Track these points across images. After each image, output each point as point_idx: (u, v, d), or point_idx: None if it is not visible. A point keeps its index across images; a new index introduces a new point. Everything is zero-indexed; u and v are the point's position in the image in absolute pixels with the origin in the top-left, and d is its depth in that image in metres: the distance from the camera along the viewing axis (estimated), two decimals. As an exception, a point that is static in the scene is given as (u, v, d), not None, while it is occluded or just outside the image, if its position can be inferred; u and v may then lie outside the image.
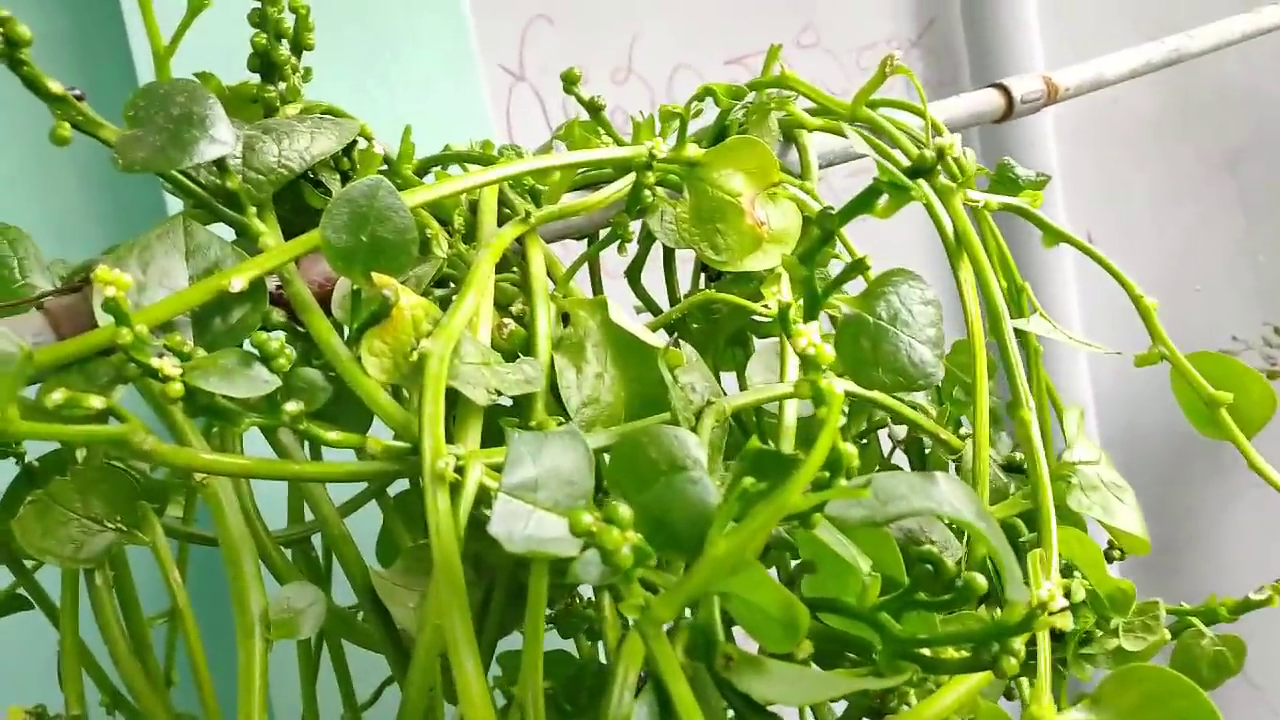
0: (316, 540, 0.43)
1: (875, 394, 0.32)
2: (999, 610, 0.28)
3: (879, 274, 0.32)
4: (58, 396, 0.23)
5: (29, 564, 0.42)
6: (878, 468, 0.48)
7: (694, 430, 0.30)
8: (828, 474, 0.22)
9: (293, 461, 0.28)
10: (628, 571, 0.21)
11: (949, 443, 0.36)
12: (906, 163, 0.39)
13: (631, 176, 0.37)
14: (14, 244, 0.35)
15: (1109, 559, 0.39)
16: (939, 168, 0.40)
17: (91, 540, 0.36)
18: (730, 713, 0.26)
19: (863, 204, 0.29)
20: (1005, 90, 0.60)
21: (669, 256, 0.50)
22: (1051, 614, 0.22)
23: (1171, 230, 1.17)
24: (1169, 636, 0.33)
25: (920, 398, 0.46)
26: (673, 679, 0.22)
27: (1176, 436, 1.15)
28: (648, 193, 0.34)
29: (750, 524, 0.21)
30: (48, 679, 0.41)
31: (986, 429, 0.34)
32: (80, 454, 0.36)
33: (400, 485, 0.46)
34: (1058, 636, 0.31)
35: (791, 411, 0.34)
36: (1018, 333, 0.51)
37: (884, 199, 0.28)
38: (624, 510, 0.21)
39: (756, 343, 0.48)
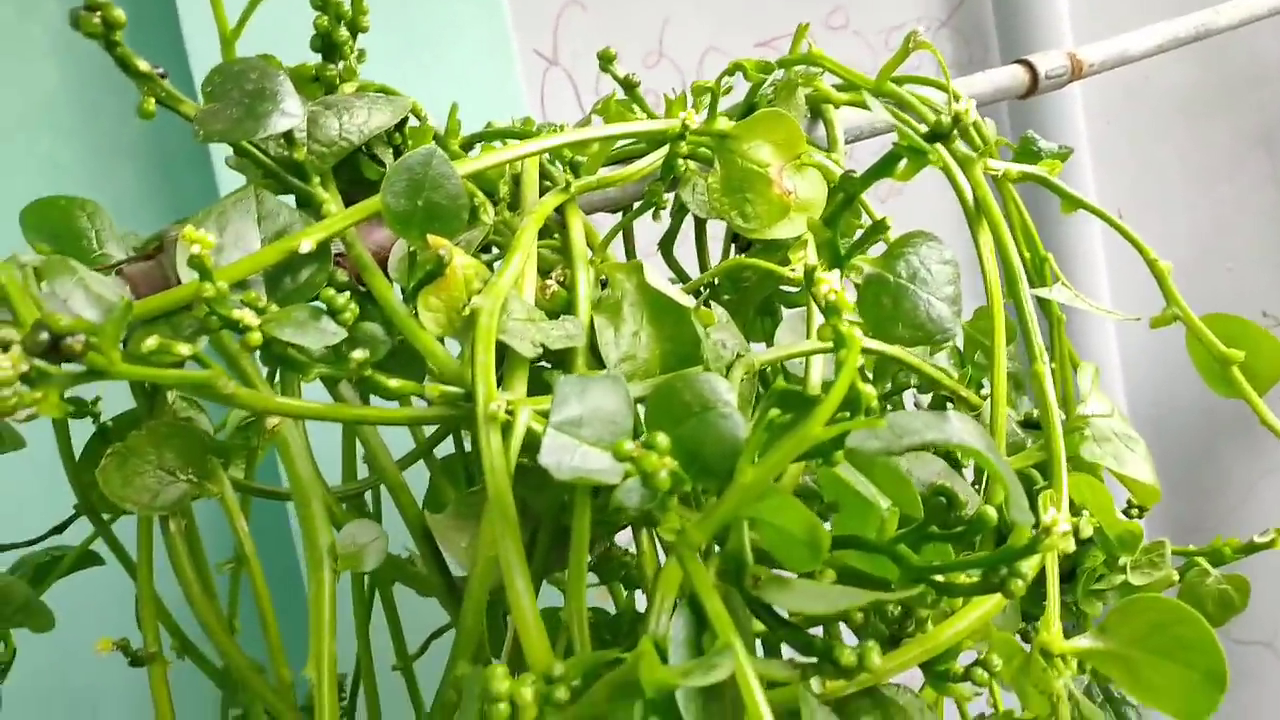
0: (367, 498, 0.46)
1: (896, 350, 0.34)
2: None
3: (899, 236, 0.34)
4: (151, 342, 0.26)
5: (106, 517, 0.45)
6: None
7: (725, 381, 0.32)
8: (848, 413, 0.24)
9: (356, 406, 0.31)
10: (664, 495, 0.24)
11: (969, 400, 0.38)
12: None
13: (664, 150, 0.39)
14: (91, 217, 0.38)
15: (1128, 516, 0.41)
16: (960, 138, 0.42)
17: (166, 490, 0.39)
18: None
19: (883, 168, 0.31)
20: (1030, 66, 0.61)
21: (700, 231, 0.52)
22: (1054, 537, 0.24)
23: (1204, 208, 1.17)
24: (1175, 574, 0.34)
25: (944, 361, 0.48)
26: (707, 596, 0.24)
27: (1208, 414, 1.16)
28: (680, 163, 0.36)
29: (776, 453, 0.23)
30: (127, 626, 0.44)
31: (1004, 385, 0.36)
32: (169, 399, 0.39)
33: (444, 450, 0.48)
34: (1068, 577, 0.32)
35: (818, 369, 0.36)
36: (1041, 301, 0.53)
37: (903, 163, 0.30)
38: (662, 438, 0.23)
39: (785, 313, 0.50)
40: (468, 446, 0.48)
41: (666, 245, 0.51)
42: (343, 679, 0.48)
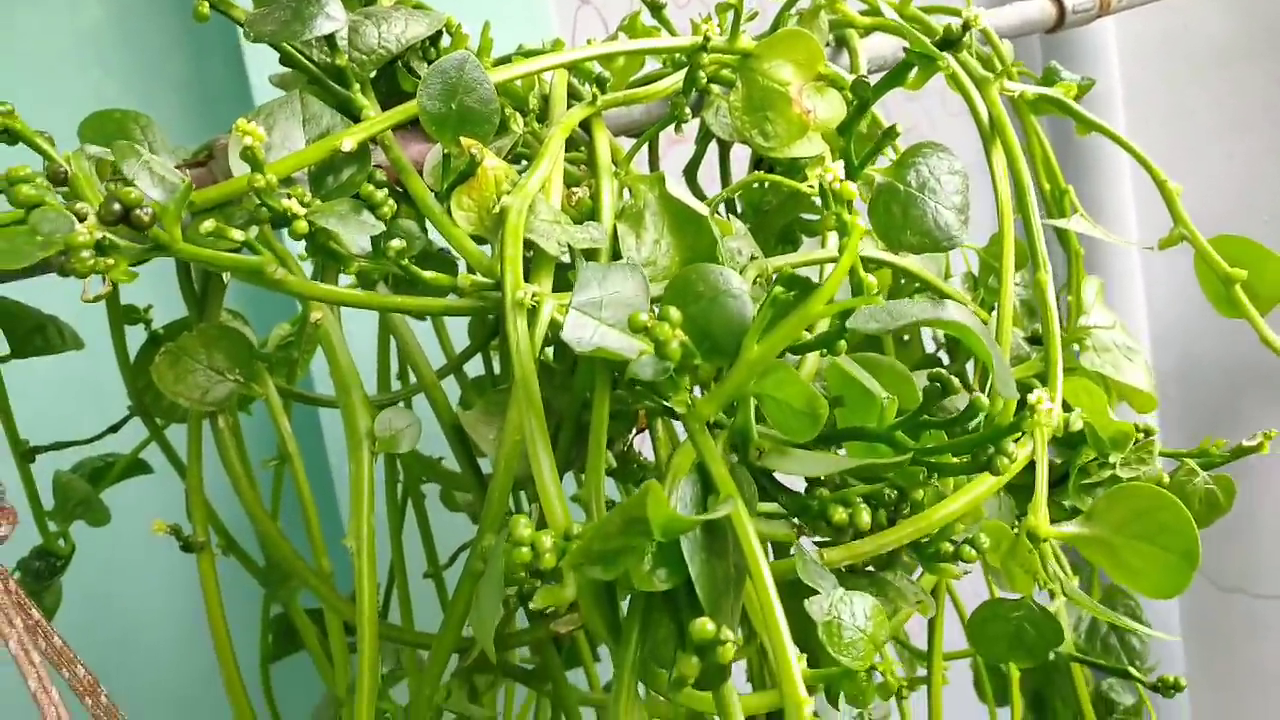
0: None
1: (904, 261, 0.35)
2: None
3: (910, 146, 0.35)
4: (208, 224, 0.28)
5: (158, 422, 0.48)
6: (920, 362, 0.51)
7: (739, 282, 0.34)
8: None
9: (394, 295, 0.33)
10: (675, 367, 0.26)
11: (977, 314, 0.39)
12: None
13: (686, 70, 0.40)
14: (144, 129, 0.40)
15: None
16: (978, 62, 0.43)
17: (215, 388, 0.42)
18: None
19: (896, 76, 0.32)
20: (1058, 0, 0.61)
21: (724, 159, 0.53)
22: (1039, 415, 0.25)
23: (1240, 157, 1.16)
24: (1163, 471, 0.36)
25: (958, 284, 0.49)
26: (713, 462, 0.26)
27: (1233, 370, 1.16)
28: (701, 77, 0.38)
29: (781, 330, 0.25)
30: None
31: (1010, 296, 0.37)
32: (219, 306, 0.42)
33: (474, 369, 0.51)
34: (1062, 480, 0.34)
35: (830, 280, 0.38)
36: (1060, 233, 0.54)
37: (914, 72, 0.31)
38: (674, 311, 0.25)
39: (805, 241, 0.51)
40: (496, 368, 0.50)
41: (690, 172, 0.52)
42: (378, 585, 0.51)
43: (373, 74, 0.37)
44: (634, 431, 0.40)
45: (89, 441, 0.49)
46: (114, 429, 0.48)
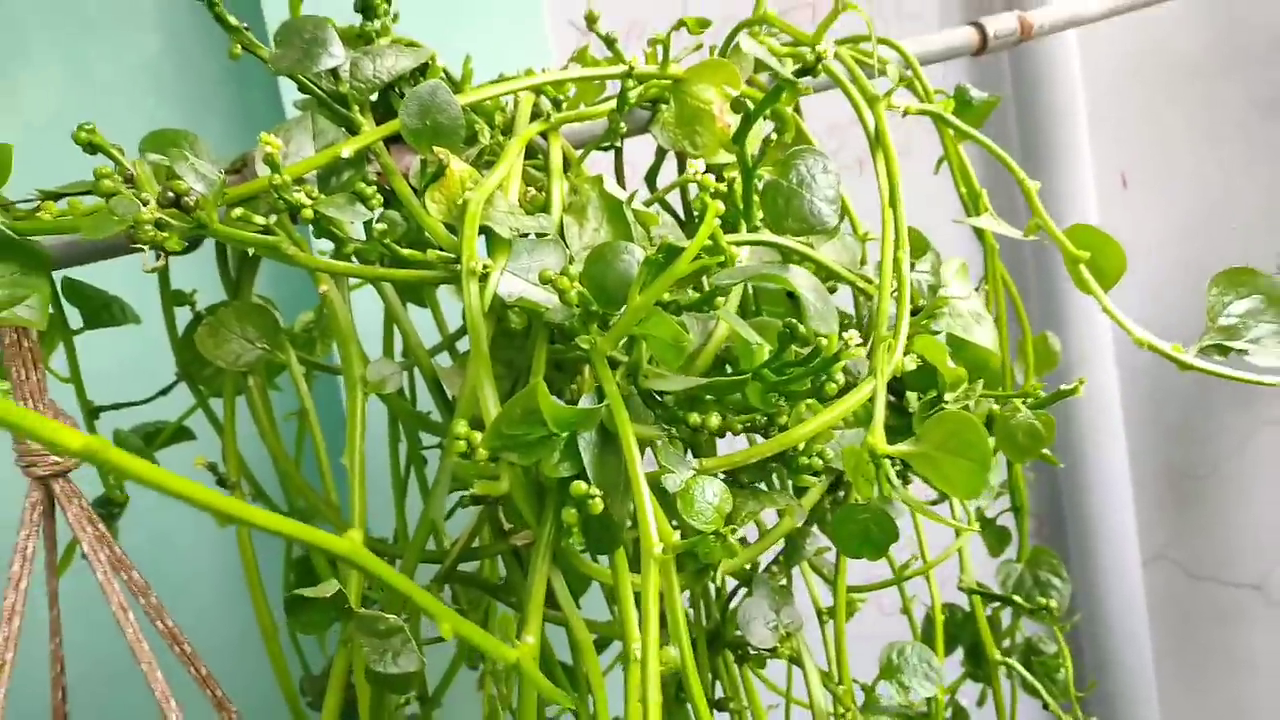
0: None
1: (791, 243, 0.44)
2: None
3: (791, 150, 0.44)
4: (238, 211, 0.37)
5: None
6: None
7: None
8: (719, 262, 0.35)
9: (380, 267, 0.42)
10: (577, 309, 0.35)
11: (865, 289, 0.48)
12: (872, 83, 0.51)
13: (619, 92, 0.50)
14: (192, 145, 0.50)
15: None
16: (898, 83, 0.51)
17: (247, 353, 0.51)
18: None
19: (772, 96, 0.41)
20: (980, 27, 0.70)
21: (681, 166, 0.62)
22: (852, 349, 0.34)
23: (1211, 172, 1.22)
24: (993, 406, 0.44)
25: (872, 271, 0.58)
26: (607, 382, 0.35)
27: (1203, 375, 1.21)
28: (630, 96, 0.47)
29: (657, 282, 0.34)
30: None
31: (889, 274, 0.46)
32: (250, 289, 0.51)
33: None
34: (902, 412, 0.42)
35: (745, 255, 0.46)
36: (979, 232, 0.62)
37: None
38: (572, 269, 0.34)
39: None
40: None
41: (650, 177, 0.62)
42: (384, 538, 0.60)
43: (373, 98, 0.46)
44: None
45: (143, 402, 0.58)
46: (164, 392, 0.58)
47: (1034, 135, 1.11)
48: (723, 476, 0.38)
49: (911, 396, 0.42)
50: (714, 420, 0.34)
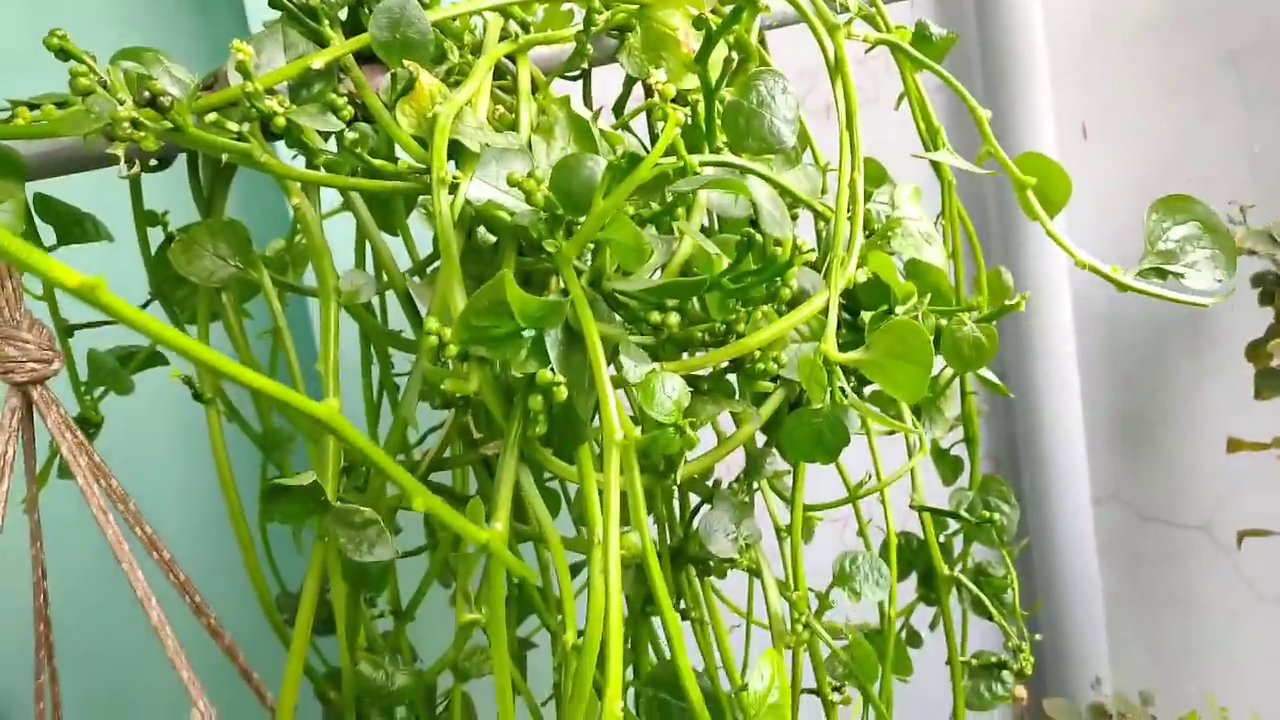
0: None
1: (751, 164, 0.45)
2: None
3: (752, 71, 0.45)
4: (211, 116, 0.38)
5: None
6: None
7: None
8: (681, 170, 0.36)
9: (348, 177, 0.43)
10: (545, 217, 0.36)
11: (823, 212, 0.50)
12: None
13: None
14: (164, 60, 0.51)
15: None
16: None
17: (219, 270, 0.52)
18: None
19: (733, 18, 0.42)
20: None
21: (649, 94, 0.63)
22: (803, 255, 0.36)
23: (1169, 124, 1.25)
24: (939, 320, 0.46)
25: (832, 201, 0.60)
26: (572, 283, 0.36)
27: (1156, 319, 1.25)
28: (596, 20, 0.48)
29: (619, 187, 0.36)
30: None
31: (845, 197, 0.47)
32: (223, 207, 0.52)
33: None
34: (858, 330, 0.44)
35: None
36: (937, 167, 0.64)
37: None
38: (539, 172, 0.35)
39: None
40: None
41: (618, 107, 0.63)
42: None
43: (342, 15, 0.47)
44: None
45: (117, 321, 0.59)
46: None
47: (997, 89, 1.13)
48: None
49: (866, 316, 0.44)
50: (673, 319, 0.36)
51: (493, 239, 0.46)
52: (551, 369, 0.35)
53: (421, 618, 0.63)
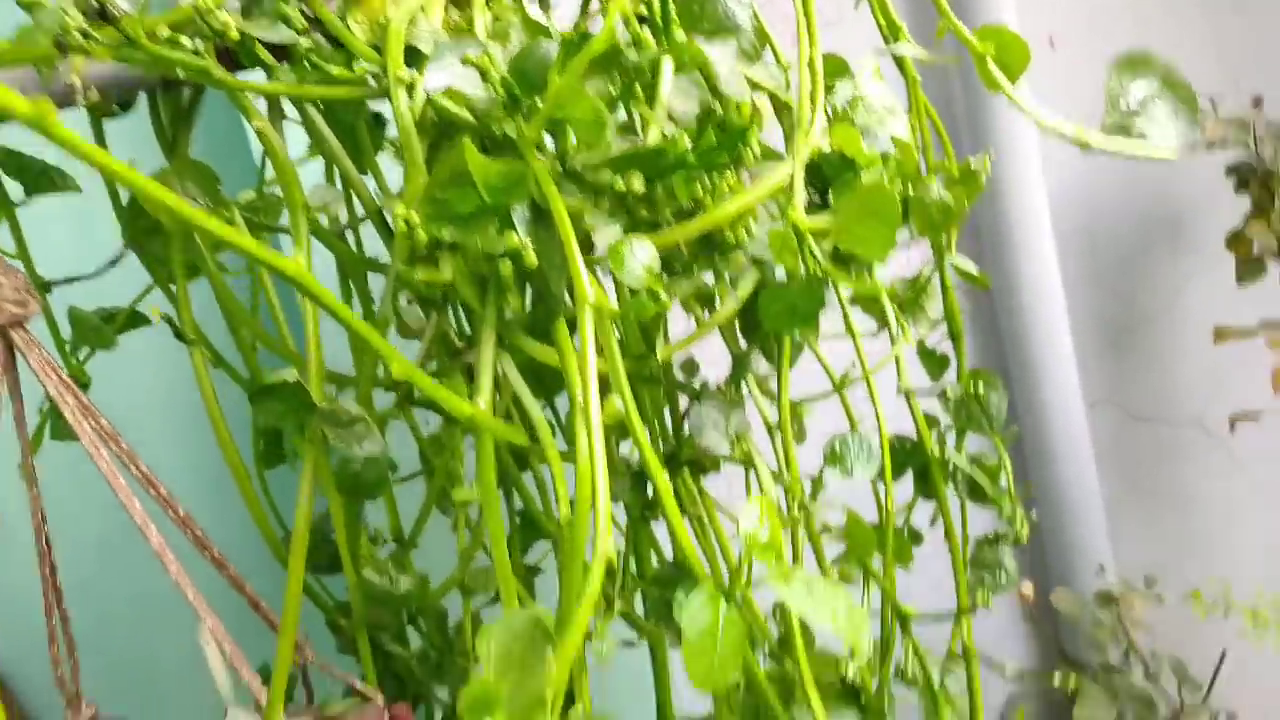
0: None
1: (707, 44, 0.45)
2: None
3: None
4: (164, 31, 0.38)
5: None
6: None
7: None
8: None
9: (310, 86, 0.43)
10: (503, 99, 0.36)
11: (786, 101, 0.50)
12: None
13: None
14: None
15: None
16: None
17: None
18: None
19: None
20: None
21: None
22: (759, 115, 0.36)
23: (1136, 31, 1.24)
24: (907, 187, 0.46)
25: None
26: (532, 160, 0.37)
27: (1136, 222, 1.26)
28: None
29: (574, 62, 0.36)
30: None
31: (806, 80, 0.48)
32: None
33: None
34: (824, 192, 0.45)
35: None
36: (900, 63, 0.64)
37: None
38: (494, 52, 0.35)
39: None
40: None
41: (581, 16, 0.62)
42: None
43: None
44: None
45: (94, 275, 0.59)
46: (113, 263, 0.59)
47: (963, 3, 1.12)
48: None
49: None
50: (636, 184, 0.36)
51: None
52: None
53: (426, 548, 0.64)
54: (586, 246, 0.40)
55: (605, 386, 0.36)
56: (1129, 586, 0.91)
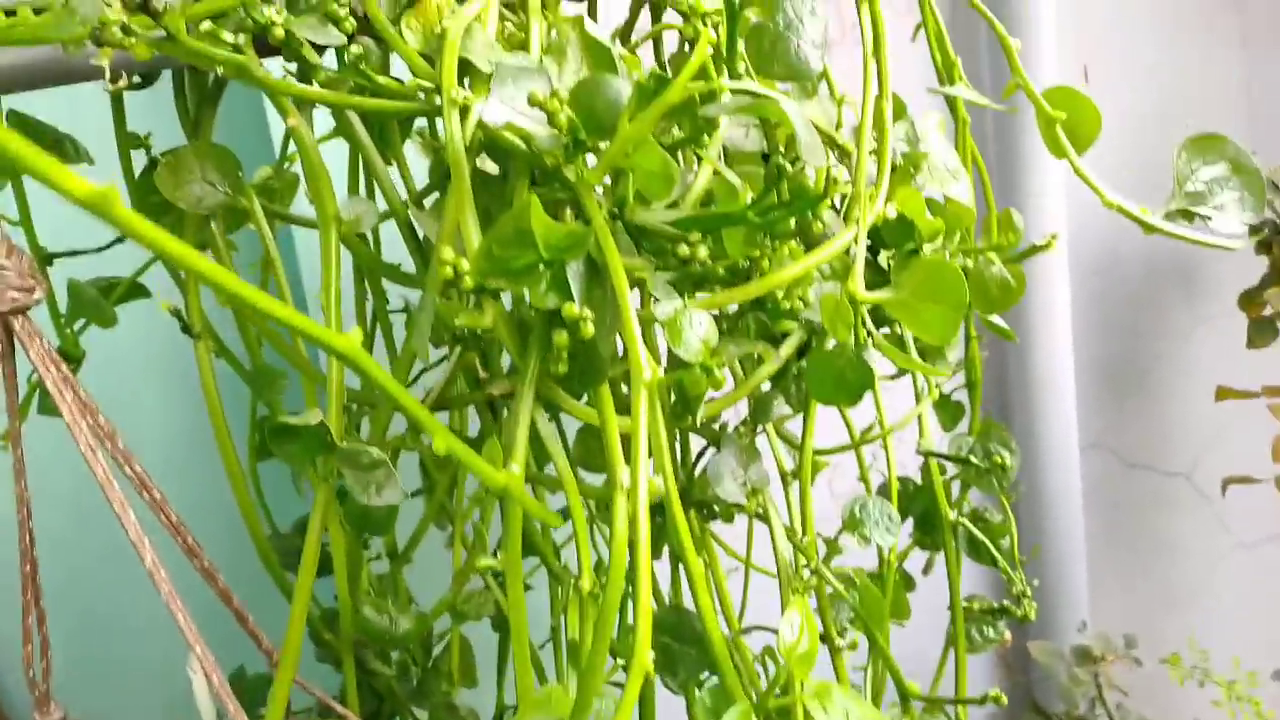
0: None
1: (773, 92, 0.43)
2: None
3: (777, -9, 0.43)
4: (206, 25, 0.35)
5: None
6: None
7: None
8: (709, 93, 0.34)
9: (352, 95, 0.40)
10: (567, 140, 0.34)
11: (844, 146, 0.48)
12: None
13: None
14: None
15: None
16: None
17: (208, 197, 0.50)
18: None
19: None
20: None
21: (655, 21, 0.61)
22: (837, 186, 0.34)
23: (1169, 66, 1.23)
24: (967, 260, 0.45)
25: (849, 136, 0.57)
26: (594, 214, 0.34)
27: (1149, 265, 1.24)
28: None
29: (648, 110, 0.33)
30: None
31: (867, 127, 0.45)
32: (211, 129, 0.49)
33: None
34: (875, 251, 0.43)
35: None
36: (951, 103, 0.62)
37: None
38: (562, 91, 0.33)
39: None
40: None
41: (625, 34, 0.60)
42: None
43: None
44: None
45: (99, 250, 0.56)
46: (120, 240, 0.56)
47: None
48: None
49: (887, 255, 0.43)
50: (702, 251, 0.34)
51: (494, 169, 0.44)
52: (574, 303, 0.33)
53: (416, 559, 0.62)
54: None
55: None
56: (1108, 645, 0.90)
